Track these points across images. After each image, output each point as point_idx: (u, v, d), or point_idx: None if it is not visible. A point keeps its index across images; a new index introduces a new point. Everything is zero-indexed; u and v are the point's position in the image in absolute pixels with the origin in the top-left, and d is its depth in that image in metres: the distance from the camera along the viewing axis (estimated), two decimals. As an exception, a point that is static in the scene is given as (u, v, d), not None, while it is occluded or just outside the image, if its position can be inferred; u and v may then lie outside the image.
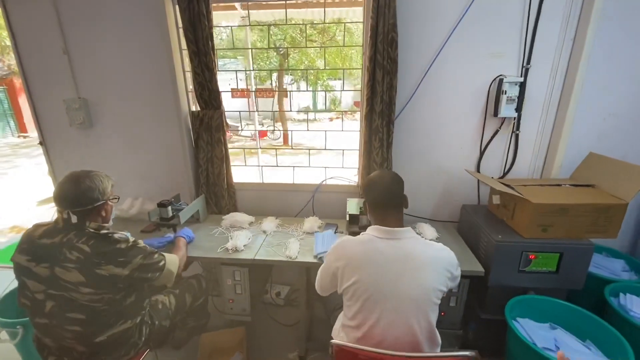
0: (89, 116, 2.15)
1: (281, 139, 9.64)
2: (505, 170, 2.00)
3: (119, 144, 2.22)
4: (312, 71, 12.42)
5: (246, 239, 1.78)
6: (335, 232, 1.87)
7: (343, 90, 2.44)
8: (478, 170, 2.02)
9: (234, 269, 1.70)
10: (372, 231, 1.16)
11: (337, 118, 14.60)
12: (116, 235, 1.19)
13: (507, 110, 1.81)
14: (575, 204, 1.51)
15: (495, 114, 1.84)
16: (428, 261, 1.10)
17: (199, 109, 2.03)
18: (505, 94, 1.76)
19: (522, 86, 1.78)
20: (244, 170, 2.28)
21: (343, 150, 2.15)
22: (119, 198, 1.37)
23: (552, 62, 1.79)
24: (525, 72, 1.81)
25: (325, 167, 2.15)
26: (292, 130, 2.48)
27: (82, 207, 1.16)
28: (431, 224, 1.94)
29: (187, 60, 1.97)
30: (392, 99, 1.80)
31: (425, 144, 2.00)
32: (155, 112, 2.11)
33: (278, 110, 6.30)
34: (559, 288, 1.64)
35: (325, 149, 2.17)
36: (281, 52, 9.06)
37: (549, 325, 1.59)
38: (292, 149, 2.52)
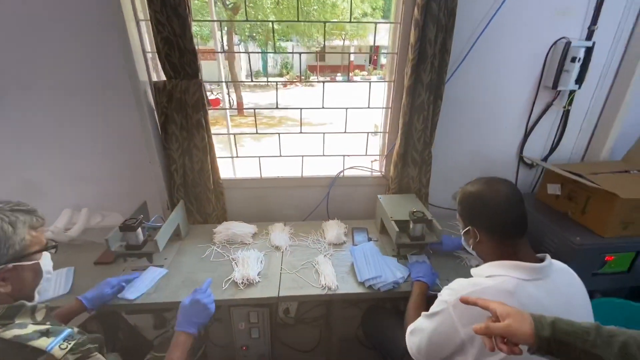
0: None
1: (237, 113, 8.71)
2: (548, 153, 1.74)
3: (39, 130, 1.48)
4: (261, 30, 11.24)
5: (258, 262, 1.30)
6: (369, 241, 1.47)
7: (357, 52, 1.92)
8: (521, 153, 1.73)
9: (249, 309, 1.22)
10: (512, 271, 0.78)
11: (291, 84, 13.71)
12: (36, 343, 0.63)
13: (568, 81, 1.49)
14: (663, 196, 1.28)
15: (555, 85, 1.52)
16: (585, 302, 0.82)
17: (164, 78, 1.38)
18: (579, 61, 1.43)
19: (589, 52, 1.46)
20: (227, 163, 1.71)
21: (367, 133, 1.69)
22: (55, 247, 0.79)
23: (619, 23, 1.49)
24: (589, 35, 1.49)
25: (343, 156, 1.67)
26: (303, 108, 1.93)
27: None
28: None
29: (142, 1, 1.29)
30: (444, 66, 1.36)
31: (467, 123, 1.63)
32: (95, 83, 1.41)
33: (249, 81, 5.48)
34: (623, 287, 1.47)
35: (345, 132, 1.67)
36: (229, 7, 7.84)
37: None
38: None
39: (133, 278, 1.18)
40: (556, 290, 0.78)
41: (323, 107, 1.60)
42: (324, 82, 1.81)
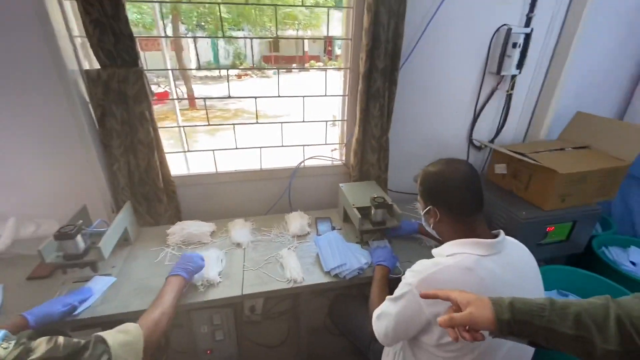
0: None
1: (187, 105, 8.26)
2: (495, 135, 1.85)
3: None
4: (210, 19, 10.68)
5: (218, 262, 1.23)
6: (333, 230, 1.46)
7: (311, 37, 1.87)
8: (471, 136, 1.82)
9: (212, 312, 1.16)
10: (470, 248, 0.80)
11: (246, 75, 13.27)
12: None
13: (510, 67, 1.58)
14: (594, 170, 1.42)
15: (498, 71, 1.61)
16: (535, 273, 0.86)
17: (98, 66, 1.24)
18: (519, 47, 1.52)
19: (527, 38, 1.56)
20: (180, 159, 1.60)
21: (326, 121, 1.66)
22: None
23: (553, 10, 1.60)
24: (527, 22, 1.59)
25: (303, 146, 1.64)
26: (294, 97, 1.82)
27: None
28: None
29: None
30: (397, 51, 1.37)
31: (421, 108, 1.67)
32: (15, 74, 1.21)
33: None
34: (563, 255, 1.62)
35: (303, 121, 1.62)
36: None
37: (556, 292, 1.57)
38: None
39: (88, 297, 1.06)
40: (511, 263, 0.82)
41: (279, 96, 1.54)
42: (278, 68, 1.75)
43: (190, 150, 1.59)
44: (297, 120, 1.62)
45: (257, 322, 1.80)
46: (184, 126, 1.63)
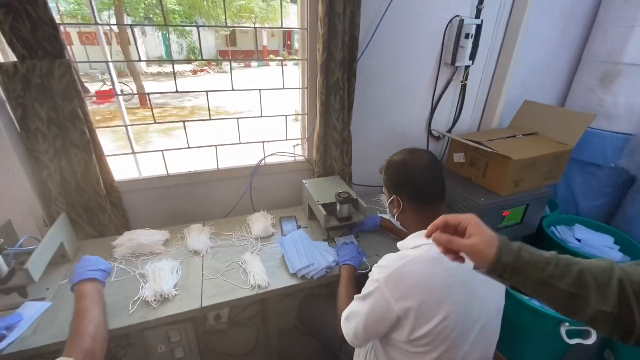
0: None
1: (137, 103, 7.73)
2: (452, 125, 1.90)
3: None
4: (157, 11, 10.03)
5: (173, 273, 1.12)
6: (299, 229, 1.40)
7: (267, 26, 1.77)
8: (430, 126, 1.84)
9: (168, 329, 1.05)
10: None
11: (202, 71, 12.69)
12: None
13: (463, 57, 1.62)
14: (542, 155, 1.49)
15: (453, 61, 1.64)
16: None
17: (14, 58, 1.06)
18: (472, 37, 1.55)
19: (478, 29, 1.60)
20: (129, 163, 1.44)
21: (286, 116, 1.58)
22: None
23: (500, 0, 1.66)
24: (478, 13, 1.63)
25: (262, 142, 1.55)
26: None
27: None
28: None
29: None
30: (355, 42, 1.33)
31: (381, 100, 1.66)
32: None
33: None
34: (518, 237, 1.70)
35: (261, 116, 1.54)
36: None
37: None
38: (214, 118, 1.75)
39: (16, 322, 0.91)
40: None
41: (232, 89, 1.44)
42: (230, 59, 1.63)
43: (136, 152, 1.44)
44: (256, 115, 1.54)
45: (224, 331, 1.70)
46: (128, 125, 1.47)
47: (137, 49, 8.20)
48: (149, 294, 1.02)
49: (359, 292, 0.84)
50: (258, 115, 1.52)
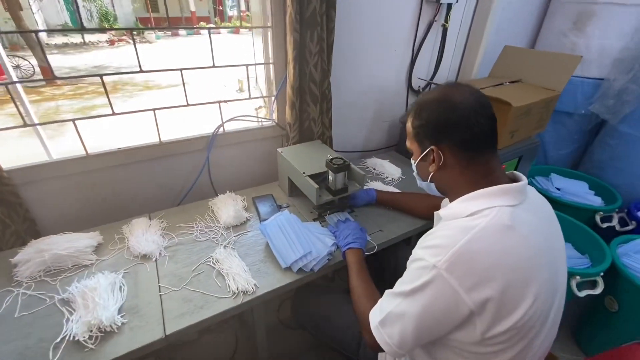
0: None
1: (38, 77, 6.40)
2: (432, 75, 1.71)
3: None
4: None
5: (115, 291, 0.78)
6: (280, 209, 1.12)
7: None
8: (410, 78, 1.63)
9: (118, 373, 0.73)
10: (495, 199, 0.59)
11: (120, 41, 11.00)
12: None
13: (448, -8, 1.39)
14: (537, 101, 1.37)
15: (437, -4, 1.40)
16: (553, 214, 0.69)
17: None
18: (462, -37, 1.31)
19: (464, -43, 1.37)
20: (34, 145, 0.99)
21: (247, 65, 1.22)
22: None
23: None
24: (461, -62, 1.39)
25: (219, 102, 1.19)
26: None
27: None
28: (377, 157, 1.50)
29: None
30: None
31: (359, 47, 1.38)
32: None
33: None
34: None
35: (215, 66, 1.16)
36: None
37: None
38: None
39: None
40: (538, 209, 0.65)
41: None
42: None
43: (27, 125, 0.99)
44: (208, 65, 1.16)
45: (194, 342, 1.40)
46: (8, 83, 0.99)
47: (32, 14, 6.65)
48: (79, 330, 0.68)
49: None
50: (210, 66, 1.14)
